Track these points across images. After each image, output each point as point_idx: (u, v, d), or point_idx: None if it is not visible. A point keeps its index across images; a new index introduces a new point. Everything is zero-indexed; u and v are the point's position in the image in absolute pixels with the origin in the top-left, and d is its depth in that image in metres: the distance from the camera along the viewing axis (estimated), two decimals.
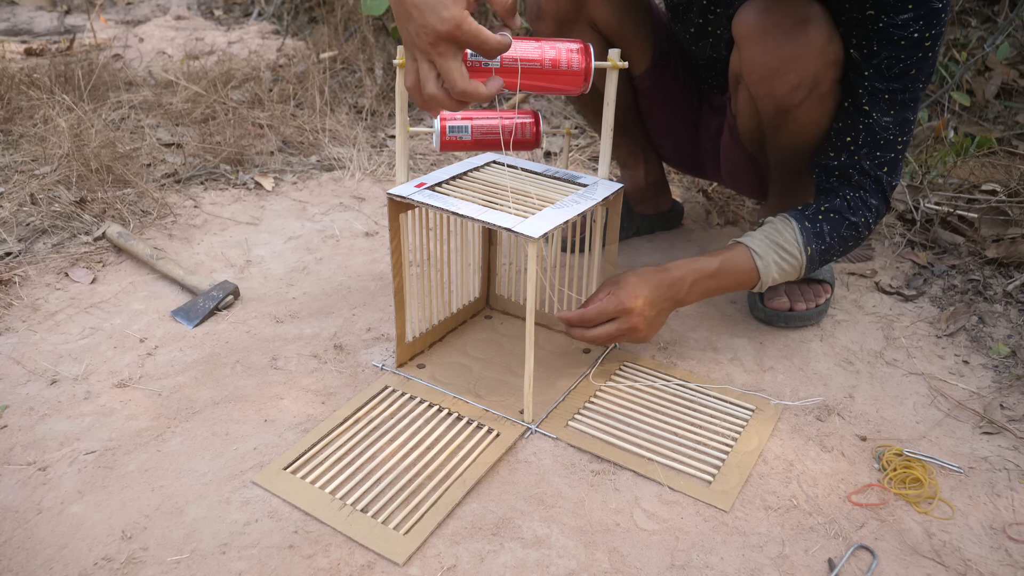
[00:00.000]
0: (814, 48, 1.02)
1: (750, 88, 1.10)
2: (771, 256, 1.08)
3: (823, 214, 1.11)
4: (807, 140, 1.13)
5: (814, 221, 1.10)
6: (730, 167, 1.37)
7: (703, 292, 1.09)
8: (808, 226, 1.10)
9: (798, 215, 1.11)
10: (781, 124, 1.11)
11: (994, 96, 2.09)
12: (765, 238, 1.09)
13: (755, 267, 1.08)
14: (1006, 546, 0.87)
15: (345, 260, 1.48)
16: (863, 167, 1.09)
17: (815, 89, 1.05)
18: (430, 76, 0.82)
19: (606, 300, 1.04)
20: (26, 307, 1.29)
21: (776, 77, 1.05)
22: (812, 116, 1.09)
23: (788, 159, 1.18)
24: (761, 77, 1.06)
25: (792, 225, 1.10)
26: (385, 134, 2.12)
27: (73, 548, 0.83)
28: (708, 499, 0.91)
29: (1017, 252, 1.44)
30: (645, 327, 1.05)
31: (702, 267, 1.08)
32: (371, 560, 0.83)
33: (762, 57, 1.05)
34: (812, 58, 1.03)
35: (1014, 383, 1.14)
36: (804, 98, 1.06)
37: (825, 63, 1.03)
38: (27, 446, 0.98)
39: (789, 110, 1.08)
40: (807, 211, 1.12)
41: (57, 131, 1.79)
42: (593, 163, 1.93)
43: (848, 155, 1.10)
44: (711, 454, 0.99)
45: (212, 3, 3.52)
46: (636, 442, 1.00)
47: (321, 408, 1.06)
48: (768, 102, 1.08)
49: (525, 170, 1.15)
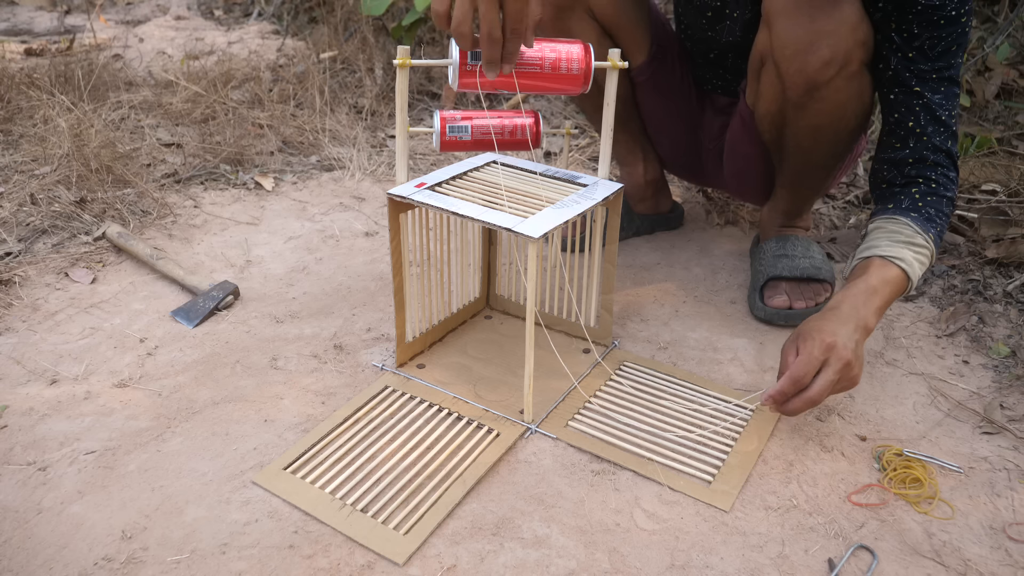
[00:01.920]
0: (847, 24, 1.04)
1: (779, 64, 1.10)
2: (907, 255, 1.04)
3: (922, 200, 1.08)
4: (830, 123, 1.14)
5: (918, 210, 1.08)
6: (737, 164, 1.36)
7: (877, 311, 1.00)
8: (915, 216, 1.07)
9: (899, 212, 1.08)
10: (808, 103, 1.11)
11: (994, 96, 2.09)
12: (891, 241, 1.05)
13: (901, 270, 1.03)
14: (1006, 546, 0.87)
15: (345, 260, 1.48)
16: (934, 144, 1.09)
17: (845, 67, 1.07)
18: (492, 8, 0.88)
19: (805, 351, 0.94)
20: (26, 307, 1.29)
21: (809, 52, 1.06)
22: (839, 96, 1.10)
23: (806, 143, 1.18)
24: (794, 52, 1.07)
25: (904, 220, 1.07)
26: (385, 134, 2.12)
27: (73, 548, 0.83)
28: (708, 499, 0.91)
29: (1017, 252, 1.44)
30: (856, 362, 0.95)
31: (861, 289, 1.01)
32: (371, 560, 0.83)
33: (796, 31, 1.06)
34: (845, 34, 1.05)
35: (1014, 383, 1.14)
36: (834, 75, 1.07)
37: (856, 41, 1.05)
38: (27, 446, 0.98)
39: (819, 87, 1.09)
40: (904, 205, 1.09)
41: (57, 131, 1.79)
42: (593, 163, 1.93)
43: (915, 138, 1.09)
44: (711, 454, 0.99)
45: (212, 3, 3.52)
46: (636, 442, 1.00)
47: (321, 408, 1.06)
48: (799, 77, 1.09)
49: (525, 170, 1.15)
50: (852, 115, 1.14)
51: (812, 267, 1.30)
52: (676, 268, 1.47)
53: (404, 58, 1.01)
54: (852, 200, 1.73)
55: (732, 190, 1.49)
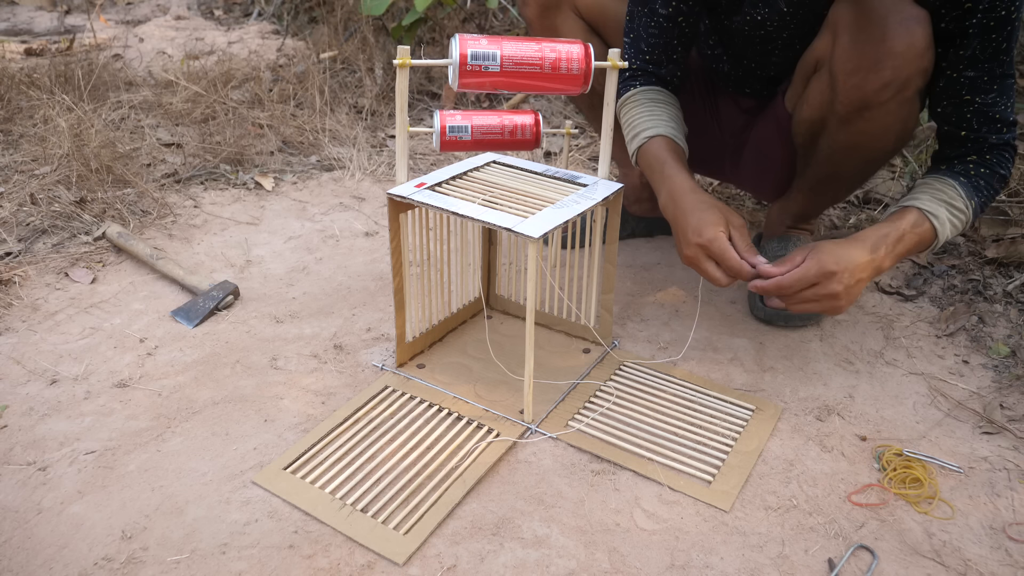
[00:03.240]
0: (915, 50, 1.01)
1: (836, 76, 1.07)
2: (943, 213, 1.06)
3: (974, 169, 1.08)
4: (869, 143, 1.12)
5: (969, 176, 1.08)
6: (760, 162, 1.34)
7: (895, 257, 1.05)
8: (965, 181, 1.07)
9: (951, 174, 1.08)
10: (854, 120, 1.09)
11: None
12: (932, 198, 1.06)
13: (932, 226, 1.05)
14: (1006, 546, 0.87)
15: (345, 260, 1.48)
16: (990, 142, 1.08)
17: (901, 91, 1.04)
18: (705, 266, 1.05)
19: (806, 265, 1.00)
20: (26, 307, 1.29)
21: (871, 71, 1.03)
22: (887, 120, 1.08)
23: (839, 157, 1.16)
24: (856, 67, 1.05)
25: (951, 182, 1.07)
26: (385, 134, 2.12)
27: (73, 548, 0.83)
28: (708, 499, 0.91)
29: (1017, 252, 1.44)
30: (846, 295, 1.00)
31: (889, 231, 1.04)
32: (371, 560, 0.83)
33: (863, 47, 1.03)
34: (911, 59, 1.01)
35: (1014, 383, 1.14)
36: (889, 98, 1.05)
37: (919, 68, 1.02)
38: (27, 446, 0.98)
39: (871, 107, 1.06)
40: (956, 169, 1.09)
41: (57, 131, 1.79)
42: (593, 163, 1.93)
43: (972, 142, 1.08)
44: (711, 454, 0.99)
45: (212, 3, 3.52)
46: (636, 442, 1.00)
47: (321, 408, 1.06)
48: (853, 94, 1.06)
49: (525, 170, 1.15)
50: (894, 137, 1.12)
51: None
52: (676, 268, 1.47)
53: (404, 58, 1.01)
54: (852, 200, 1.73)
55: (747, 186, 1.47)
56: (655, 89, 1.23)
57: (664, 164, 1.12)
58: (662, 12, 1.18)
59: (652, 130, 1.16)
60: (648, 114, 1.19)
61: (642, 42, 1.22)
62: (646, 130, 1.17)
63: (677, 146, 1.16)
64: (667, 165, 1.12)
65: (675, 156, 1.13)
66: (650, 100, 1.21)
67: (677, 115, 1.22)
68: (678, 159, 1.13)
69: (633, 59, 1.23)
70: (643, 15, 1.20)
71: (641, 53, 1.22)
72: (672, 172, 1.11)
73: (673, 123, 1.18)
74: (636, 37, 1.22)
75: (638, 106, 1.21)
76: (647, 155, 1.16)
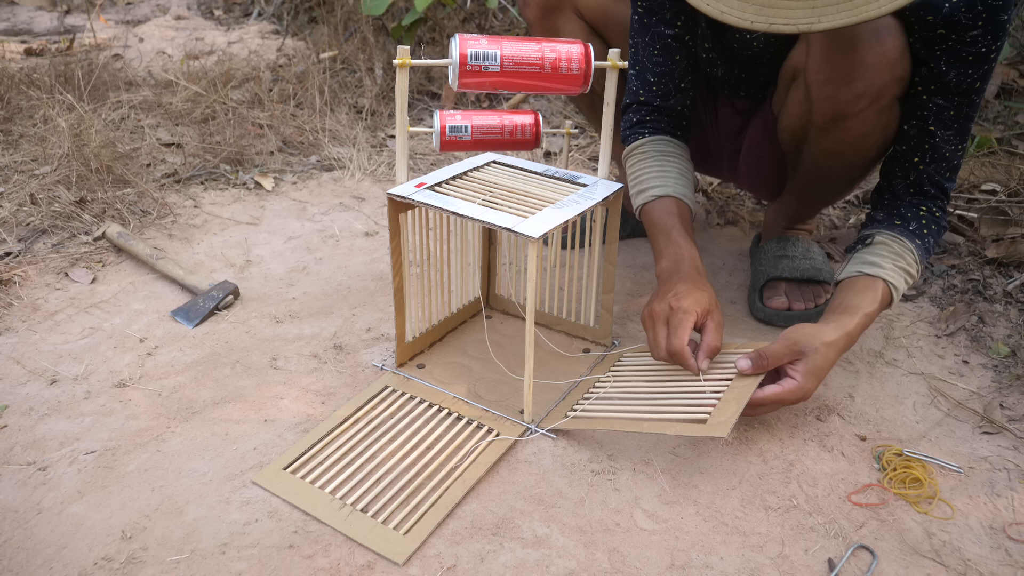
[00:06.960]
0: (886, 60, 1.00)
1: (811, 87, 1.08)
2: (902, 283, 1.07)
3: (926, 228, 1.10)
4: (849, 151, 1.12)
5: (923, 238, 1.09)
6: (754, 164, 1.34)
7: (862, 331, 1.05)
8: (920, 244, 1.09)
9: (909, 235, 1.09)
10: (831, 129, 1.09)
11: (994, 96, 2.09)
12: (895, 267, 1.07)
13: (892, 296, 1.07)
14: (1006, 546, 0.87)
15: (345, 260, 1.48)
16: (933, 179, 1.09)
17: (876, 101, 1.04)
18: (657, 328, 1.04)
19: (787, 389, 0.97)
20: (26, 307, 1.29)
21: (843, 82, 1.03)
22: (864, 128, 1.08)
23: (822, 164, 1.16)
24: (828, 79, 1.04)
25: (909, 246, 1.08)
26: (385, 134, 2.12)
27: (73, 548, 0.83)
28: (705, 433, 0.89)
29: (1017, 252, 1.44)
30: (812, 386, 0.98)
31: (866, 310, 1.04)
32: (371, 560, 0.83)
33: (833, 59, 1.03)
34: (882, 69, 1.01)
35: (1014, 383, 1.14)
36: (863, 108, 1.04)
37: (893, 77, 1.02)
38: (27, 446, 0.98)
39: (845, 117, 1.06)
40: (910, 227, 1.10)
41: (57, 131, 1.79)
42: (593, 163, 1.93)
43: (917, 173, 1.09)
44: (706, 399, 0.96)
45: (212, 3, 3.52)
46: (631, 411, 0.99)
47: (321, 408, 1.06)
48: (827, 105, 1.06)
49: (525, 170, 1.15)
50: (874, 144, 1.11)
51: (812, 268, 1.30)
52: None
53: (404, 58, 1.01)
54: (852, 200, 1.73)
55: (745, 186, 1.47)
56: (664, 140, 1.21)
57: (672, 230, 1.11)
58: (668, 33, 1.16)
59: (660, 188, 1.15)
60: (658, 169, 1.17)
61: (648, 72, 1.20)
62: (654, 187, 1.15)
63: (686, 209, 1.15)
64: (675, 231, 1.11)
65: (684, 223, 1.13)
66: (660, 153, 1.19)
67: (687, 169, 1.20)
68: (687, 227, 1.13)
69: (641, 93, 1.21)
70: (646, 44, 1.18)
71: (648, 85, 1.21)
72: (681, 240, 1.10)
73: (683, 179, 1.17)
74: (642, 68, 1.20)
75: (647, 159, 1.19)
76: (654, 213, 1.14)
